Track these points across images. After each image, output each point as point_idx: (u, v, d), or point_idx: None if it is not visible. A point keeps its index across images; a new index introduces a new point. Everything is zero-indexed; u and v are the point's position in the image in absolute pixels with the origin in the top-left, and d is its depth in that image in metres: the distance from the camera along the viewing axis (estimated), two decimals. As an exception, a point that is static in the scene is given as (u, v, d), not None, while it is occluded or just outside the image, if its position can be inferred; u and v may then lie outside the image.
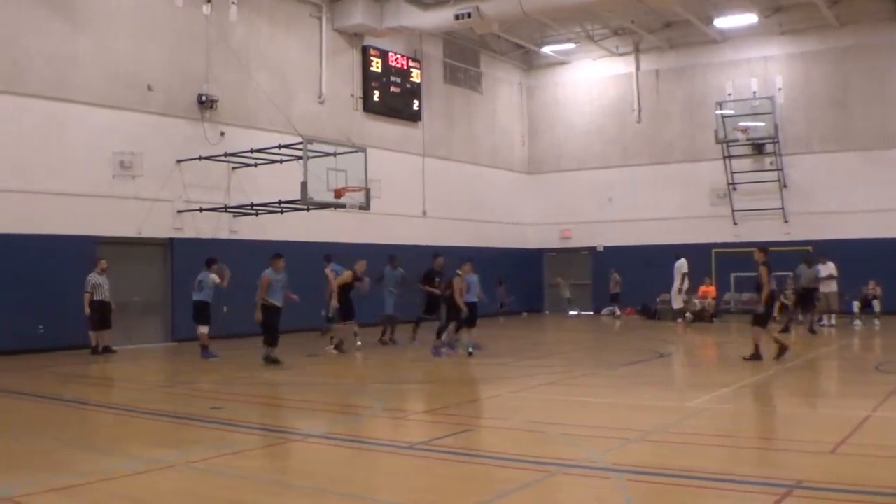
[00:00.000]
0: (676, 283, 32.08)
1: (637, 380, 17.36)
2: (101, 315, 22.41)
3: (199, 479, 8.96)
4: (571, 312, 39.59)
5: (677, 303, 32.42)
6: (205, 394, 15.66)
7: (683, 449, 10.32)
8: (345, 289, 22.06)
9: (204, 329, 21.58)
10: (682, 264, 32.07)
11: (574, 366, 19.64)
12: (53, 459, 9.92)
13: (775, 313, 31.73)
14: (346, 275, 21.94)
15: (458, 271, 21.18)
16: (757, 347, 18.81)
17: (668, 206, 37.90)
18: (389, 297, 24.47)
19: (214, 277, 21.65)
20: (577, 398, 15.41)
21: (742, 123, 35.50)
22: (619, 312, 37.02)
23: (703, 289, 34.04)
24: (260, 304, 19.09)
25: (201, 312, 21.67)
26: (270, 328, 19.33)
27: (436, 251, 25.68)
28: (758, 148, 36.08)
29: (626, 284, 36.80)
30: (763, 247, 19.56)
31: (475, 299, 21.16)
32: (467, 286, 20.85)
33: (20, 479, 8.46)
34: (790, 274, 29.06)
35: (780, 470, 9.13)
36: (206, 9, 26.59)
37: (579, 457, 9.78)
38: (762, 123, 35.26)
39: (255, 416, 12.82)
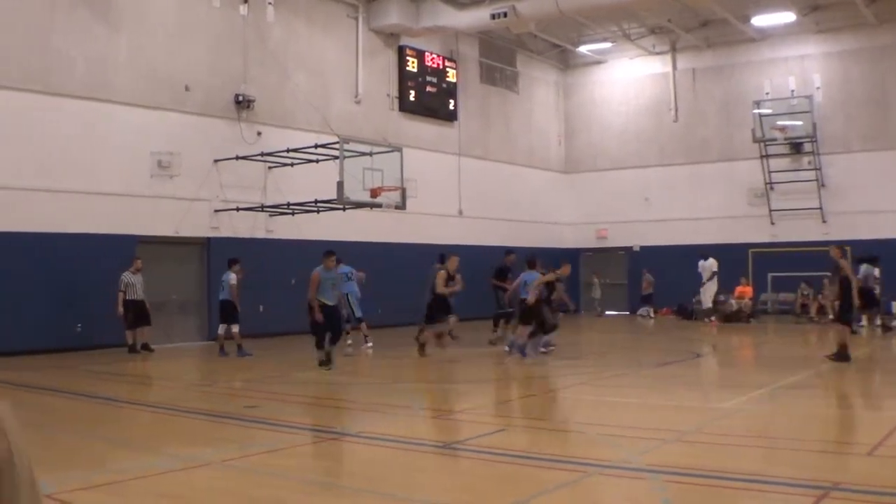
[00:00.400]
0: (705, 283, 32.09)
1: (672, 380, 17.27)
2: (136, 314, 22.54)
3: (235, 477, 8.95)
4: (608, 312, 39.47)
5: (707, 302, 32.43)
6: (240, 392, 15.75)
7: (719, 450, 10.26)
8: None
9: (235, 328, 21.64)
10: (711, 264, 32.05)
11: (609, 366, 19.58)
12: (90, 457, 9.99)
13: (813, 314, 31.76)
14: (442, 275, 21.65)
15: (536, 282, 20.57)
16: (844, 346, 18.12)
17: (704, 206, 37.62)
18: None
19: (232, 278, 21.73)
20: (613, 398, 15.35)
21: (780, 122, 35.21)
22: (652, 313, 36.77)
23: (739, 289, 33.90)
24: (316, 304, 18.30)
25: (228, 311, 21.76)
26: (317, 328, 18.54)
27: (507, 249, 26.13)
28: (795, 147, 35.78)
29: (663, 284, 36.56)
30: (839, 245, 19.17)
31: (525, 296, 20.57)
32: (523, 284, 20.55)
33: (58, 475, 8.47)
34: (829, 274, 29.03)
35: (816, 472, 9.06)
36: (243, 9, 26.67)
37: (616, 457, 9.75)
38: (800, 122, 34.97)
39: (290, 415, 12.83)
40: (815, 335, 27.30)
